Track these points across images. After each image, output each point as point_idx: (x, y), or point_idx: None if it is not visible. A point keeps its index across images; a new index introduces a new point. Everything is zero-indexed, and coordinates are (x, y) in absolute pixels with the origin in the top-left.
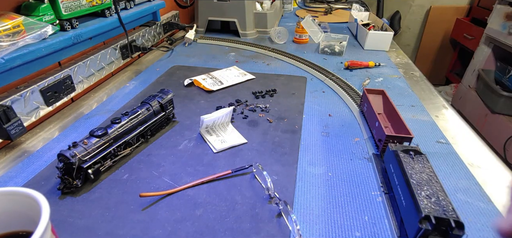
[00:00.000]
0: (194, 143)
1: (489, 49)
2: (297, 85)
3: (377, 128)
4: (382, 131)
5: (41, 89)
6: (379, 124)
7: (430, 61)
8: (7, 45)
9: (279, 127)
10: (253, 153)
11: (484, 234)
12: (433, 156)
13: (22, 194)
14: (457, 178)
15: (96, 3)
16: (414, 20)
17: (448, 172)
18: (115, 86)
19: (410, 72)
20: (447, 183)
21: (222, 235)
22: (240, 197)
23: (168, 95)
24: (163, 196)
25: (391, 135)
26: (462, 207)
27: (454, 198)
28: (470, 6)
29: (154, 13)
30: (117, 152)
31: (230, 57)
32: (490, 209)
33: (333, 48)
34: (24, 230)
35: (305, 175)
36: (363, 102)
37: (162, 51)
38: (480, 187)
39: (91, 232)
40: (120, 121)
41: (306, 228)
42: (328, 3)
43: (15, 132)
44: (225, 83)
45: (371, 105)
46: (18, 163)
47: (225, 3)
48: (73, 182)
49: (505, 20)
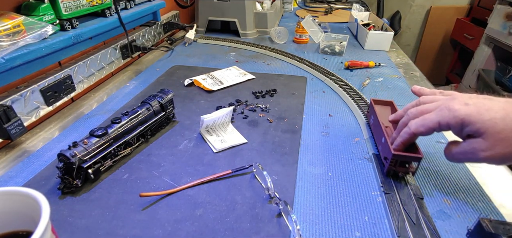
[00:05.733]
0: (194, 142)
1: (489, 49)
2: (297, 85)
3: (383, 144)
4: (388, 149)
5: (41, 89)
6: (386, 140)
7: (430, 61)
8: (7, 45)
9: (279, 127)
10: (253, 153)
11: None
12: (433, 156)
13: (22, 194)
14: (457, 178)
15: (96, 3)
16: (414, 20)
17: (448, 172)
18: (115, 86)
19: (410, 72)
20: (447, 183)
21: (222, 235)
22: (240, 197)
23: (168, 95)
24: (163, 196)
25: (398, 154)
26: (462, 207)
27: (454, 198)
28: (470, 6)
29: (154, 13)
30: (117, 152)
31: (230, 57)
32: (490, 209)
33: (333, 48)
34: (24, 230)
35: (305, 175)
36: (370, 113)
37: (162, 51)
38: (480, 187)
39: (91, 232)
40: (120, 121)
41: (306, 228)
42: (328, 3)
43: (15, 132)
44: (225, 83)
45: (378, 118)
46: (18, 163)
47: (225, 3)
48: (73, 181)
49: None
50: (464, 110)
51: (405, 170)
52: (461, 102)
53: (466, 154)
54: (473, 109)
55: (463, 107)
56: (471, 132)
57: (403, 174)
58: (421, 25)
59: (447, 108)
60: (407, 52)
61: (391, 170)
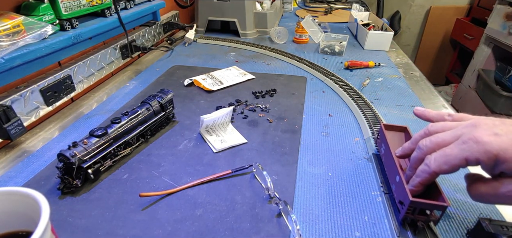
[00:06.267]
0: (194, 142)
1: (489, 49)
2: (297, 85)
3: (398, 184)
4: (404, 192)
5: (41, 89)
6: (401, 179)
7: (430, 61)
8: (7, 45)
9: (279, 127)
10: (253, 153)
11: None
12: None
13: (22, 194)
14: (457, 178)
15: (96, 3)
16: (414, 20)
17: None
18: (115, 86)
19: (410, 72)
20: (447, 183)
21: (222, 235)
22: (240, 197)
23: (168, 95)
24: (163, 196)
25: (418, 201)
26: (462, 207)
27: (454, 198)
28: (470, 6)
29: (154, 13)
30: (117, 152)
31: (230, 57)
32: (490, 209)
33: (333, 48)
34: (24, 230)
35: (305, 175)
36: (380, 141)
37: (162, 51)
38: None
39: (91, 232)
40: (120, 121)
41: (306, 228)
42: (328, 3)
43: (15, 132)
44: (225, 83)
45: (390, 148)
46: (18, 163)
47: (225, 3)
48: (73, 181)
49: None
50: (497, 144)
51: (425, 219)
52: (489, 133)
53: (499, 197)
54: (507, 141)
55: (494, 140)
56: (509, 169)
57: (423, 224)
58: (421, 25)
59: (473, 140)
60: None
61: (408, 217)
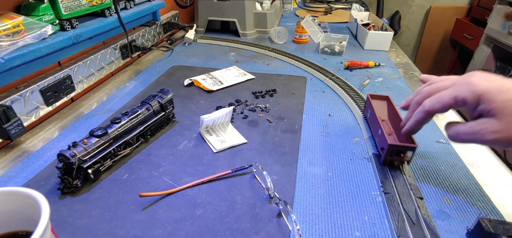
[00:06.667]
0: (194, 142)
1: (489, 49)
2: (297, 85)
3: (380, 135)
4: (384, 139)
5: (41, 89)
6: (382, 131)
7: (430, 61)
8: (7, 45)
9: (279, 127)
10: (253, 153)
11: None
12: (432, 156)
13: (22, 194)
14: (457, 178)
15: (96, 3)
16: (414, 20)
17: (448, 172)
18: (115, 86)
19: (410, 72)
20: (447, 183)
21: (222, 235)
22: (240, 197)
23: (168, 95)
24: (163, 196)
25: (394, 144)
26: (462, 206)
27: (454, 198)
28: (470, 6)
29: (154, 13)
30: (117, 152)
31: (230, 57)
32: (489, 209)
33: (333, 48)
34: (24, 230)
35: (305, 175)
36: (367, 108)
37: (162, 51)
38: (479, 186)
39: (91, 232)
40: (120, 121)
41: (306, 228)
42: (328, 3)
43: (15, 132)
44: (225, 83)
45: (375, 112)
46: (18, 163)
47: (225, 3)
48: (73, 182)
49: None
50: (483, 86)
51: (400, 159)
52: (481, 78)
53: (474, 134)
54: (493, 86)
55: (483, 83)
56: (486, 110)
57: (398, 163)
58: (420, 25)
59: (465, 82)
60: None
61: (387, 159)
